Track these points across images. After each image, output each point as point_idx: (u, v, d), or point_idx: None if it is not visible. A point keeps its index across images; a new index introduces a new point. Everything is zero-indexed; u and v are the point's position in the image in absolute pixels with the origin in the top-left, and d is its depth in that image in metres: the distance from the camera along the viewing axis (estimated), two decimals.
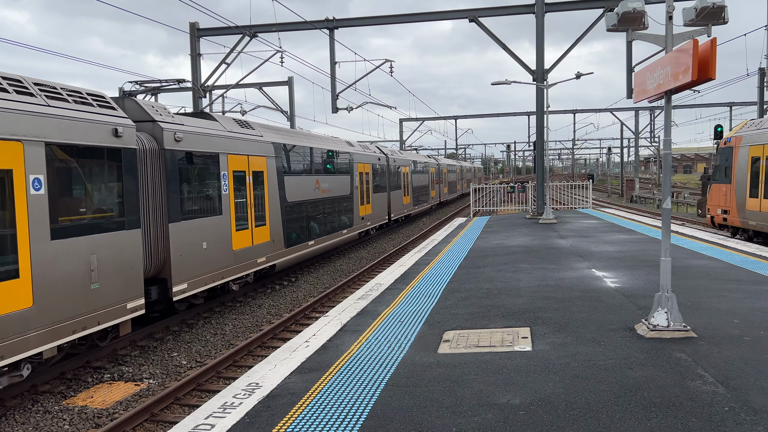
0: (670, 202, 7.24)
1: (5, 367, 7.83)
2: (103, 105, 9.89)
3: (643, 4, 7.28)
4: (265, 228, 15.54)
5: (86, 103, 9.52)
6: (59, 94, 9.02)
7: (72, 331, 8.73)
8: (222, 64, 24.78)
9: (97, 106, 9.68)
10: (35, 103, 8.33)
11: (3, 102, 7.78)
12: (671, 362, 6.07)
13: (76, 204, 9.00)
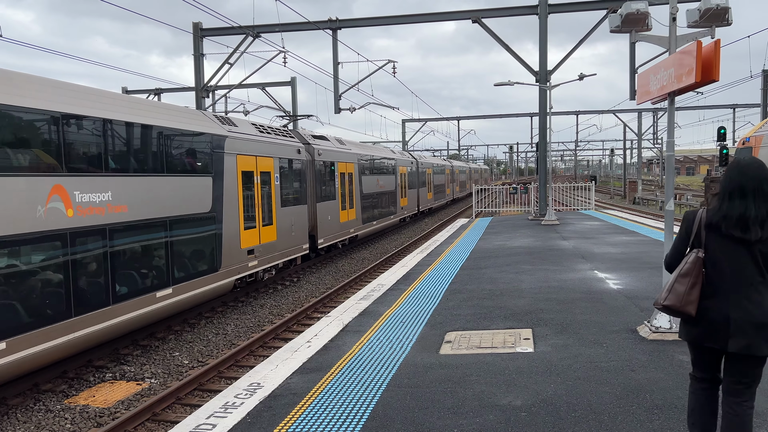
0: (673, 204, 7.23)
1: (271, 270, 15.72)
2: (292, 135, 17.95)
3: (647, 6, 7.28)
4: (353, 210, 23.00)
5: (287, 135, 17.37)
6: (277, 131, 16.96)
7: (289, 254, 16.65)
8: (225, 64, 24.81)
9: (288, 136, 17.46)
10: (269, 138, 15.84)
11: (267, 139, 15.67)
12: (673, 364, 6.05)
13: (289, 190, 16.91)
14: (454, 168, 54.81)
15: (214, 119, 13.56)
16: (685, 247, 3.79)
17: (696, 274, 3.63)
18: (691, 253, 3.69)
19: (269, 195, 15.67)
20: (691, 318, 3.65)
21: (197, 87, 25.37)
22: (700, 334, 3.66)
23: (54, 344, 8.40)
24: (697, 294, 3.63)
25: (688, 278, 3.64)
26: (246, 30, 23.97)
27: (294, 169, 17.47)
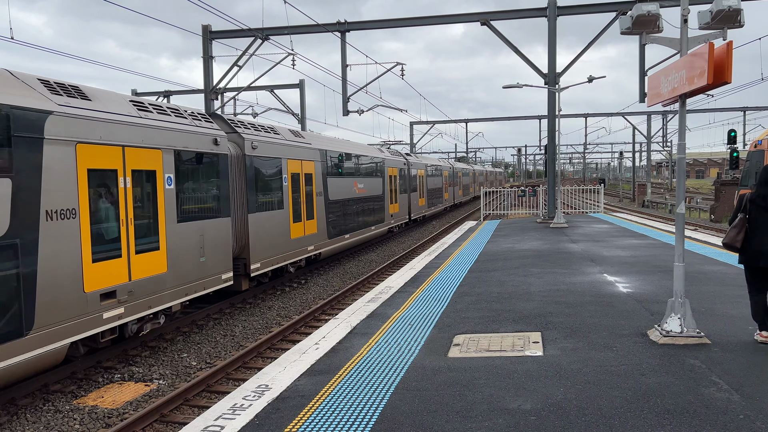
0: (684, 207, 7.17)
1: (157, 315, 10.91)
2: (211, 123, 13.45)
3: (658, 8, 7.22)
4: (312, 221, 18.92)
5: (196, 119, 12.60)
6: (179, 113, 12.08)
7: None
8: (234, 66, 24.90)
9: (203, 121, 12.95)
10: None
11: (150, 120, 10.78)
12: (684, 369, 5.99)
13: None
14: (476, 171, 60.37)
15: (25, 83, 8.46)
16: (738, 212, 6.71)
17: (741, 226, 6.62)
18: (740, 216, 6.66)
19: (152, 204, 10.68)
20: (739, 250, 6.64)
21: (206, 89, 25.47)
22: (747, 259, 6.64)
23: None
24: (742, 236, 6.60)
25: (737, 228, 6.63)
26: (255, 32, 24.05)
27: (206, 168, 12.48)
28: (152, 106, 11.23)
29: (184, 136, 11.65)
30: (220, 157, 12.98)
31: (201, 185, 12.33)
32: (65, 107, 8.76)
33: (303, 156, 17.43)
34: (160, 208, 10.88)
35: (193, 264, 11.81)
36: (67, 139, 8.69)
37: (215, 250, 12.60)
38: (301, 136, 18.30)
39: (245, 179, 14.23)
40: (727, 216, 33.25)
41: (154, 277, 10.56)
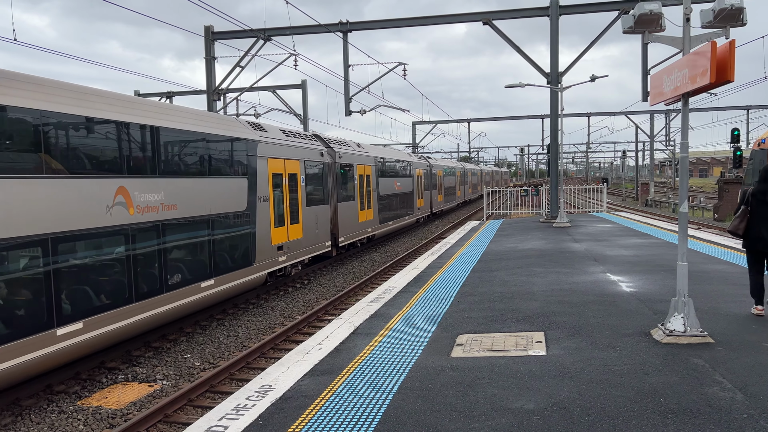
0: (687, 206, 7.16)
1: (297, 265, 16.98)
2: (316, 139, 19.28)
3: (660, 7, 7.21)
4: (371, 210, 23.97)
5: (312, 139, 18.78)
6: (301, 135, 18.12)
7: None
8: (236, 67, 24.93)
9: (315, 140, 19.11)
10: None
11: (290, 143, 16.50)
12: (688, 368, 5.99)
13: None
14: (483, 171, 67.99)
15: (244, 125, 14.43)
16: (741, 204, 7.71)
17: (743, 216, 7.67)
18: (743, 207, 7.69)
19: (296, 195, 16.73)
20: (741, 236, 7.75)
21: (209, 90, 25.51)
22: (748, 244, 7.73)
23: None
24: (744, 225, 7.67)
25: (740, 218, 7.68)
26: (257, 33, 24.08)
27: (317, 171, 18.51)
28: (290, 133, 17.38)
29: (308, 151, 17.77)
30: (324, 164, 19.10)
31: (315, 183, 18.30)
32: (262, 138, 14.91)
33: (365, 162, 23.55)
34: (299, 197, 16.99)
35: (313, 234, 18.00)
36: (264, 156, 14.77)
37: (323, 226, 18.80)
38: (362, 147, 24.49)
39: (335, 179, 20.14)
40: (730, 215, 33.20)
41: (297, 240, 16.73)
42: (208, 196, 12.23)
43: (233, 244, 13.22)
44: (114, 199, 9.60)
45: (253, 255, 14.00)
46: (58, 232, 8.47)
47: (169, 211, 10.94)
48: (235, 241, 13.31)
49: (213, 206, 12.37)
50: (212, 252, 12.37)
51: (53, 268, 8.39)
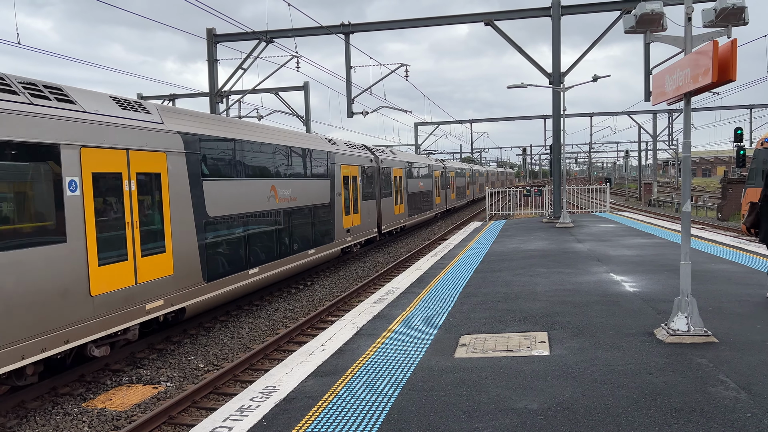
0: (689, 206, 7.16)
1: (357, 245, 22.20)
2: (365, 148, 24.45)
3: (662, 6, 7.22)
4: (402, 205, 28.95)
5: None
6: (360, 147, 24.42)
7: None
8: (239, 69, 24.97)
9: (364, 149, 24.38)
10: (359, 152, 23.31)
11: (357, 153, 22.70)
12: (692, 367, 5.98)
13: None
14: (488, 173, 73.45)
15: (325, 141, 19.82)
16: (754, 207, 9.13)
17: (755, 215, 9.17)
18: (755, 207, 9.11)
19: (356, 191, 21.73)
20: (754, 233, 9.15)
21: (211, 92, 25.56)
22: (762, 239, 8.92)
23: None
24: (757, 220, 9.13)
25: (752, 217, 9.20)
26: (259, 35, 24.12)
27: (368, 174, 23.63)
28: (351, 144, 22.61)
29: (363, 159, 22.90)
30: (372, 168, 24.13)
31: (367, 183, 23.22)
32: (337, 151, 19.89)
33: (398, 166, 28.42)
34: (358, 194, 21.96)
35: (366, 222, 22.93)
36: (338, 163, 19.84)
37: (372, 216, 23.71)
38: (395, 153, 29.49)
39: (379, 180, 25.11)
40: (734, 215, 33.12)
41: (357, 226, 21.61)
42: (311, 192, 17.48)
43: (324, 226, 18.45)
44: (269, 193, 14.85)
45: (333, 234, 19.25)
46: (246, 212, 13.57)
47: (293, 201, 16.20)
48: (325, 224, 18.56)
49: (314, 199, 17.66)
50: (313, 230, 17.59)
51: (245, 234, 13.48)
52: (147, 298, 10.07)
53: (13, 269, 7.62)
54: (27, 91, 8.27)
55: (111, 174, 9.44)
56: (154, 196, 10.45)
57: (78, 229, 8.65)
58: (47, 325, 8.09)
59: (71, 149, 8.61)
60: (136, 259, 9.86)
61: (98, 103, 9.56)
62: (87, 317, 8.77)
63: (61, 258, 8.33)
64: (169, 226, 10.73)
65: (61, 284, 8.33)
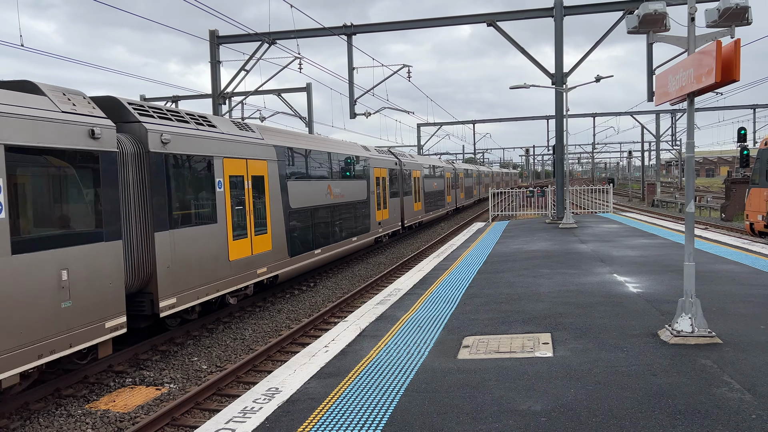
0: (693, 206, 7.14)
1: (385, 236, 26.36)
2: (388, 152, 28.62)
3: (665, 6, 7.20)
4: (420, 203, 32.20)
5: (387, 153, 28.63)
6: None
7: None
8: (241, 71, 25.00)
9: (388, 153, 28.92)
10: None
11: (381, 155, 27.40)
12: (696, 369, 5.96)
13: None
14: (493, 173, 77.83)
15: (363, 149, 23.46)
16: None
17: None
18: None
19: (384, 190, 25.05)
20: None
21: (214, 94, 25.60)
22: None
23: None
24: None
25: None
26: (262, 37, 24.15)
27: (394, 175, 27.02)
28: (380, 150, 26.53)
29: (390, 162, 26.25)
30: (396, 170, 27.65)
31: (393, 183, 26.64)
32: (370, 156, 23.21)
33: (416, 168, 31.63)
34: (386, 191, 25.46)
35: (392, 216, 26.33)
36: (372, 166, 23.11)
37: (397, 212, 27.20)
38: (413, 157, 32.67)
39: (402, 181, 28.43)
40: (738, 215, 33.02)
41: (386, 219, 25.12)
42: (353, 190, 20.99)
43: (362, 219, 21.90)
44: (327, 190, 18.54)
45: (369, 226, 22.74)
46: (312, 205, 17.27)
47: (341, 198, 19.79)
48: (363, 217, 22.04)
49: (355, 196, 21.15)
50: (355, 222, 21.06)
51: (312, 222, 17.16)
52: (257, 265, 13.83)
53: (191, 241, 11.25)
54: (192, 120, 11.99)
55: (238, 176, 13.12)
56: (261, 192, 14.13)
57: (223, 214, 12.40)
58: (209, 279, 11.81)
59: (219, 159, 12.31)
60: (251, 236, 13.59)
61: (227, 126, 13.24)
62: (227, 276, 12.53)
63: (214, 234, 12.05)
64: (269, 214, 14.46)
65: (215, 252, 12.03)
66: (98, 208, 8.98)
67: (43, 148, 8.09)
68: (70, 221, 8.51)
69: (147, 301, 10.33)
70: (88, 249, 8.72)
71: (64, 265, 8.29)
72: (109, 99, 10.43)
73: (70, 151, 8.52)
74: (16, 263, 7.56)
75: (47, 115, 8.20)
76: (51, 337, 8.00)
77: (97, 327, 8.86)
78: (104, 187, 9.09)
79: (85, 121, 8.81)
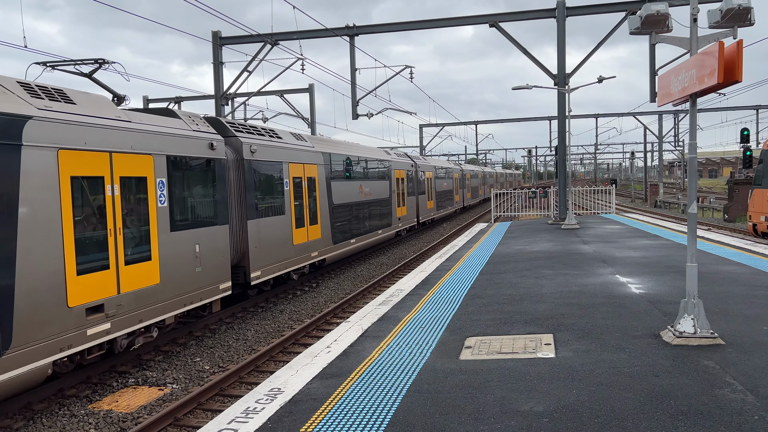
0: (696, 207, 7.13)
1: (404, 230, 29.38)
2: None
3: (667, 7, 7.20)
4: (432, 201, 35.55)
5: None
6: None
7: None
8: (244, 72, 25.03)
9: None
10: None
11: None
12: (698, 370, 5.95)
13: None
14: (497, 174, 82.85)
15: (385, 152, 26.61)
16: None
17: None
18: None
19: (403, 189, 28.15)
20: None
21: (216, 95, 25.63)
22: None
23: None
24: None
25: None
26: (264, 38, 24.18)
27: (410, 176, 29.88)
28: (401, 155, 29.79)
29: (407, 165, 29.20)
30: (412, 171, 30.06)
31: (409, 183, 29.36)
32: (392, 159, 26.71)
33: (428, 169, 34.17)
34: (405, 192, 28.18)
35: (410, 213, 29.25)
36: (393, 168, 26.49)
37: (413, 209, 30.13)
38: (425, 159, 36.40)
39: (417, 181, 30.98)
40: (741, 216, 32.97)
41: (404, 215, 27.59)
42: (379, 189, 24.04)
43: (386, 215, 24.90)
44: (359, 189, 21.55)
45: (391, 221, 25.65)
46: (349, 202, 20.27)
47: (370, 196, 22.83)
48: (387, 214, 24.99)
49: (380, 194, 24.21)
50: (380, 217, 24.01)
51: (348, 216, 20.05)
52: (312, 249, 17.06)
53: (269, 228, 14.51)
54: (266, 133, 15.24)
55: (298, 178, 16.35)
56: (313, 190, 17.39)
57: (288, 208, 15.69)
58: (280, 258, 15.04)
59: (285, 164, 15.63)
60: (307, 226, 16.83)
61: (288, 137, 16.59)
62: (292, 256, 15.78)
63: (283, 223, 15.30)
64: (318, 208, 17.70)
65: (284, 237, 15.30)
66: (215, 199, 12.07)
67: (184, 156, 11.10)
68: (199, 209, 11.58)
69: (241, 273, 13.40)
70: (210, 230, 11.84)
71: (197, 240, 11.35)
72: (215, 119, 13.70)
73: (199, 159, 11.61)
74: (174, 237, 10.66)
75: (185, 133, 11.19)
76: (191, 292, 11.11)
77: (214, 288, 11.93)
78: (218, 185, 12.16)
79: (206, 137, 11.88)
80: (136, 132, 9.84)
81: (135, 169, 9.77)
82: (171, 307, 10.44)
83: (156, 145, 10.28)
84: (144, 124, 10.12)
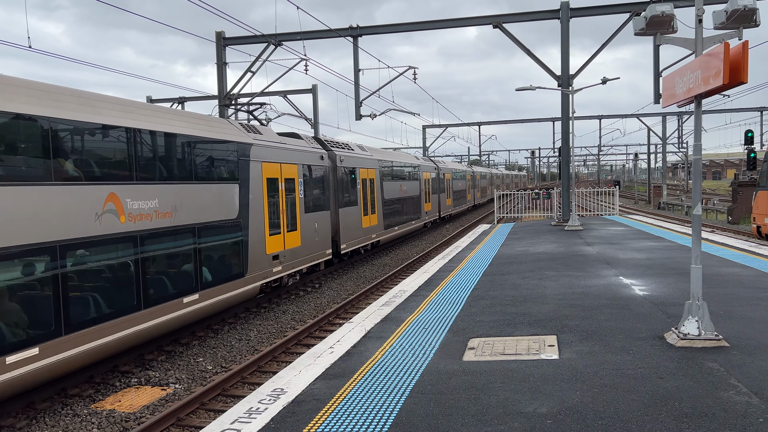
0: (700, 208, 7.10)
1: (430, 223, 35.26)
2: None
3: (672, 8, 7.17)
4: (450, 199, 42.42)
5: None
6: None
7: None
8: (247, 72, 25.05)
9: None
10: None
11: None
12: (703, 372, 5.93)
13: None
14: (503, 175, 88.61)
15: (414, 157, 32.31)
16: None
17: None
18: None
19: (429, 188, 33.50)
20: None
21: (220, 95, 25.66)
22: None
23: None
24: None
25: None
26: (268, 38, 24.20)
27: (437, 177, 35.57)
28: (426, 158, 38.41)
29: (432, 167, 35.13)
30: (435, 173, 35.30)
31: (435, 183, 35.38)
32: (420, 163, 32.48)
33: (448, 171, 39.96)
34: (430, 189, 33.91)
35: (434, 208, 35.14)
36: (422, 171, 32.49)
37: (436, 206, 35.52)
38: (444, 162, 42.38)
39: (439, 181, 36.50)
40: (744, 218, 32.87)
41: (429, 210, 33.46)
42: (412, 188, 29.12)
43: (417, 209, 29.94)
44: (399, 188, 27.01)
45: (420, 215, 30.49)
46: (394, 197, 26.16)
47: (406, 193, 28.02)
48: (417, 208, 30.01)
49: (413, 193, 29.12)
50: (413, 211, 29.07)
51: (393, 209, 26.02)
52: (371, 233, 22.68)
53: (349, 215, 20.23)
54: (346, 147, 21.18)
55: (364, 179, 21.98)
56: (373, 189, 22.97)
57: (359, 201, 21.33)
58: (354, 237, 20.86)
59: (357, 169, 21.21)
60: (369, 215, 22.31)
61: (357, 148, 22.31)
62: (360, 236, 21.54)
63: (356, 212, 20.95)
64: (376, 201, 23.27)
65: (356, 222, 20.97)
66: (323, 194, 17.91)
67: (310, 165, 16.95)
68: (317, 199, 17.38)
69: (334, 245, 19.03)
70: (322, 213, 17.74)
71: (316, 220, 17.23)
72: (317, 138, 19.59)
73: (316, 166, 17.47)
74: (307, 217, 16.56)
75: (309, 149, 17.13)
76: (313, 253, 16.97)
77: (322, 253, 17.82)
78: (324, 184, 18.09)
79: (318, 151, 17.85)
80: (289, 150, 15.61)
81: (290, 173, 15.50)
82: (305, 261, 16.42)
83: (298, 157, 16.11)
84: (292, 145, 15.94)
